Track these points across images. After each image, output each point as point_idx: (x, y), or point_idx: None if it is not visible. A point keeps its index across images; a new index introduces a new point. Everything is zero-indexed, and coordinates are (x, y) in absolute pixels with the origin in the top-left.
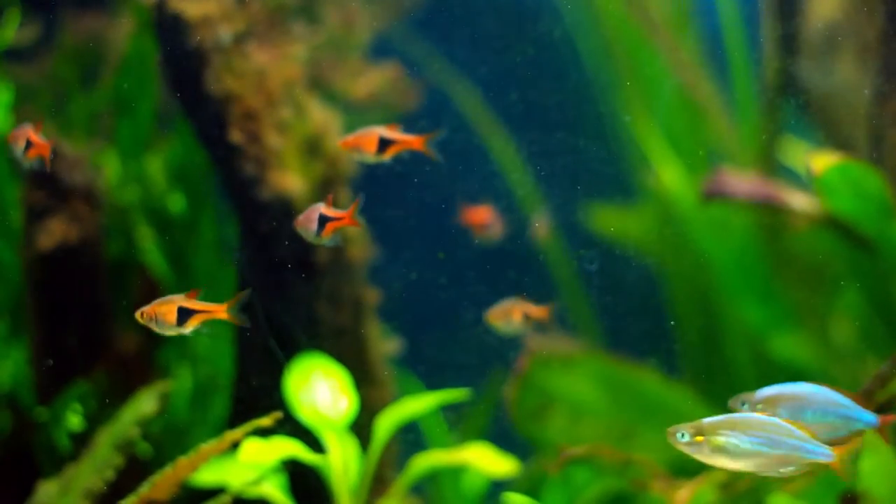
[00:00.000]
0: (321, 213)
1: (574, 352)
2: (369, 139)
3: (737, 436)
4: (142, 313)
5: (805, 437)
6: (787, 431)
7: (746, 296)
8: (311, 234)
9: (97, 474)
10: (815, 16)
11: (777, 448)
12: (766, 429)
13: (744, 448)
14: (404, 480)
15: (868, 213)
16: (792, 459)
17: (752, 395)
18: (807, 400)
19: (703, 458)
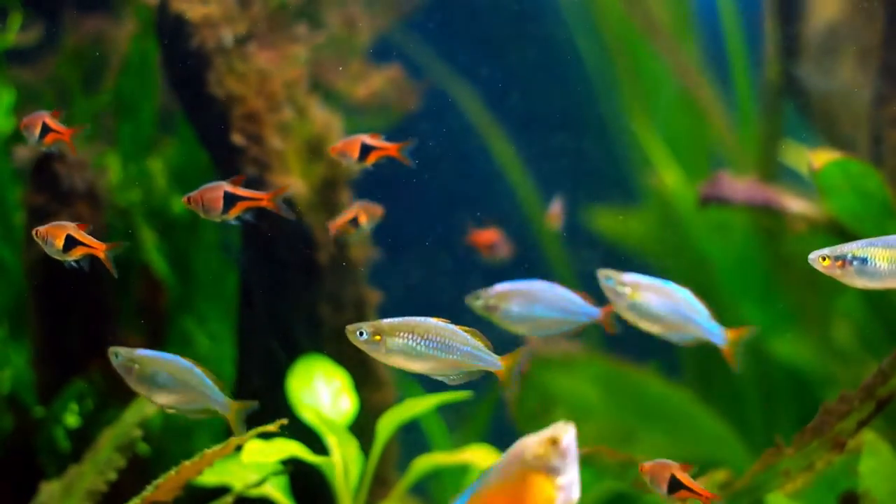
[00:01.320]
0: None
1: (575, 353)
2: (353, 145)
3: (414, 339)
4: (188, 199)
5: (478, 345)
6: (462, 339)
7: (746, 297)
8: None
9: (100, 475)
10: (816, 18)
11: (450, 353)
12: (442, 334)
13: (419, 351)
14: (406, 481)
15: (868, 212)
16: (462, 365)
17: (486, 290)
18: (536, 296)
19: (380, 357)
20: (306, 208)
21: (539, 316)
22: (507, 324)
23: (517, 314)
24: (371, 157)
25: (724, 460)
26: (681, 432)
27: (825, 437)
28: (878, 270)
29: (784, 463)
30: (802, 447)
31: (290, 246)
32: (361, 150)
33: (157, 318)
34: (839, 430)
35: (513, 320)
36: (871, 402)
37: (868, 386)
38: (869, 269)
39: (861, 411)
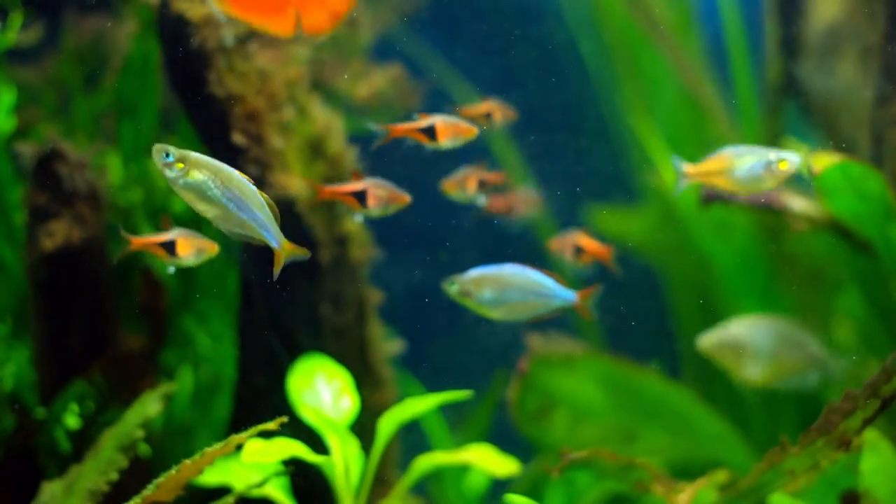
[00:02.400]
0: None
1: (576, 353)
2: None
3: (214, 182)
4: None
5: (269, 218)
6: (258, 202)
7: (748, 296)
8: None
9: (101, 475)
10: (817, 17)
11: (242, 211)
12: (241, 189)
13: (214, 194)
14: (406, 481)
15: (869, 213)
16: (248, 227)
17: (461, 276)
18: (510, 281)
19: (176, 188)
20: (307, 208)
21: (513, 300)
22: (482, 309)
23: (491, 299)
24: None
25: (725, 460)
26: (682, 432)
27: (830, 436)
28: None
29: (789, 462)
30: (808, 446)
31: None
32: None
33: (157, 318)
34: (844, 429)
35: (487, 305)
36: (875, 401)
37: (872, 384)
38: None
39: (866, 410)
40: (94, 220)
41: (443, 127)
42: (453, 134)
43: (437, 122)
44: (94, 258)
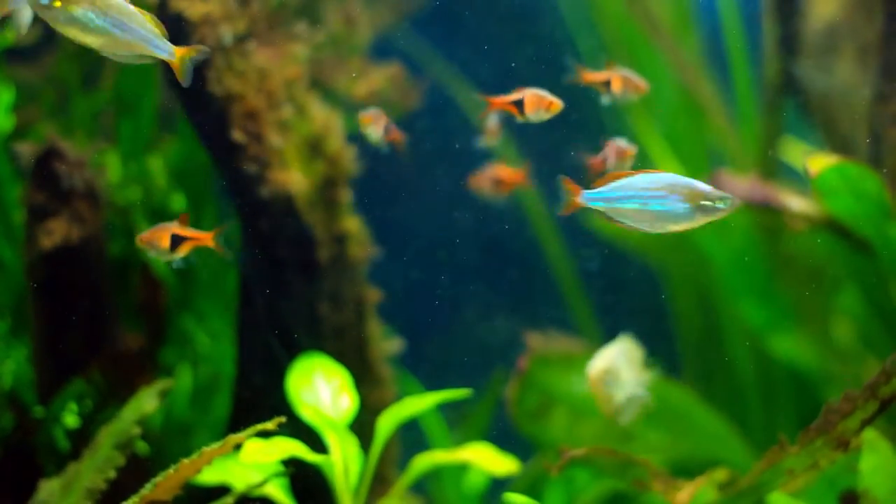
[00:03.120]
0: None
1: (575, 351)
2: (162, 235)
3: (94, 11)
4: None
5: (155, 31)
6: (140, 21)
7: (746, 296)
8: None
9: (99, 473)
10: (815, 16)
11: (126, 33)
12: (122, 13)
13: (97, 25)
14: (405, 480)
15: (866, 213)
16: (136, 47)
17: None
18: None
19: (57, 27)
20: (306, 206)
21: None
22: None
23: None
24: (182, 247)
25: (724, 458)
26: (681, 431)
27: (829, 436)
28: None
29: (788, 461)
30: (807, 445)
31: (290, 244)
32: (172, 240)
33: (156, 317)
34: (843, 429)
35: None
36: (874, 402)
37: (871, 385)
38: None
39: (865, 410)
40: (93, 219)
41: (529, 100)
42: (538, 107)
43: (526, 95)
44: (93, 257)
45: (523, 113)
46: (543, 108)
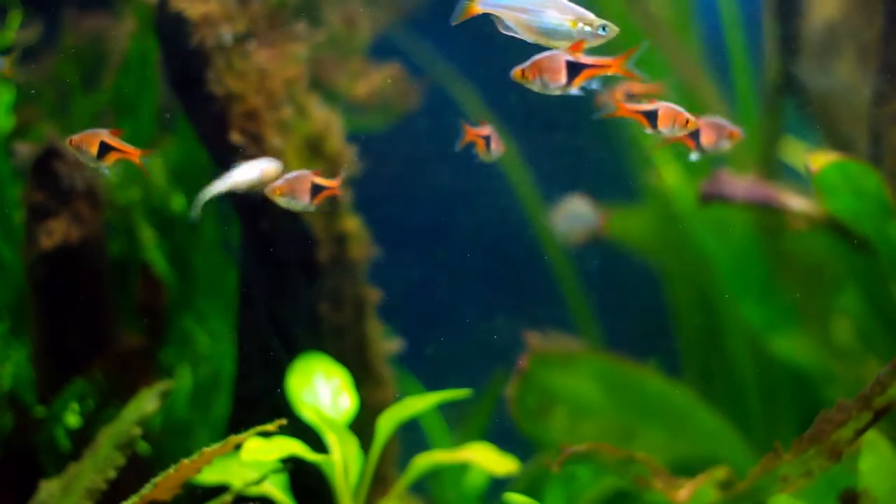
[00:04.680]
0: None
1: (575, 351)
2: (92, 140)
3: None
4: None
5: None
6: None
7: (746, 295)
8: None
9: (99, 473)
10: (816, 16)
11: None
12: None
13: None
14: (405, 480)
15: (867, 212)
16: None
17: None
18: None
19: None
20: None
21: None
22: None
23: None
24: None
25: (724, 458)
26: (681, 430)
27: (822, 446)
28: None
29: (783, 469)
30: (800, 454)
31: (290, 244)
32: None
33: (156, 317)
34: (836, 439)
35: None
36: (868, 412)
37: (865, 396)
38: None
39: (858, 420)
40: (93, 219)
41: (664, 113)
42: (672, 122)
43: (660, 108)
44: (93, 256)
45: (655, 126)
46: (679, 123)
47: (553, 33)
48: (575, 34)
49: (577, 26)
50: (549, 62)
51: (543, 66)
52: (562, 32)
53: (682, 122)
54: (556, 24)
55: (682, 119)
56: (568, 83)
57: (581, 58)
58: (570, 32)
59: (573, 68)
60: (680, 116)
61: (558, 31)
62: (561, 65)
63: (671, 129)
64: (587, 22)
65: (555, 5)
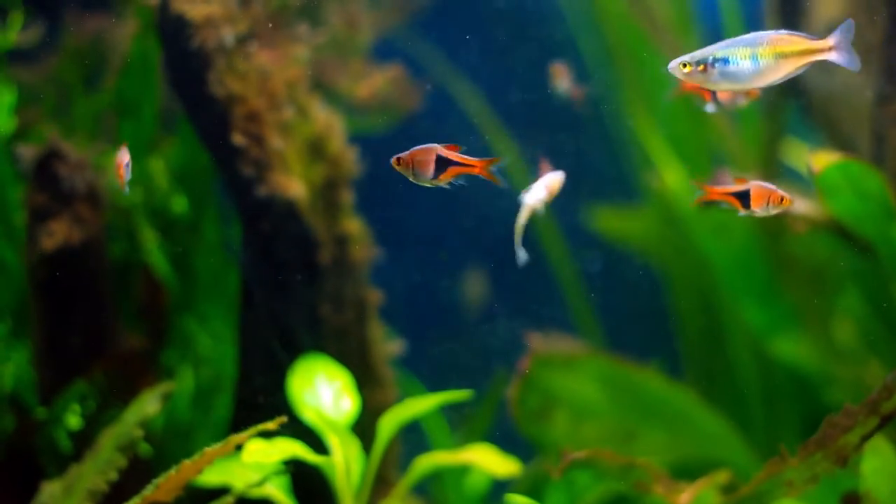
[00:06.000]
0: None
1: (576, 353)
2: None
3: None
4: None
5: None
6: None
7: (748, 297)
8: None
9: (100, 475)
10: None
11: None
12: None
13: None
14: (407, 481)
15: (869, 213)
16: None
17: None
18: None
19: None
20: (307, 208)
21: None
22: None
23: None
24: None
25: (725, 460)
26: (682, 432)
27: (828, 450)
28: (740, 70)
29: (788, 473)
30: (806, 458)
31: (291, 246)
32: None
33: (158, 318)
34: (843, 444)
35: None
36: (875, 418)
37: (872, 401)
38: (731, 69)
39: (865, 426)
40: (94, 221)
41: (757, 193)
42: (766, 202)
43: (752, 188)
44: (94, 258)
45: (748, 207)
46: (774, 202)
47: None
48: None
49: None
50: (422, 155)
51: (416, 159)
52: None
53: (776, 200)
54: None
55: (776, 197)
56: (435, 176)
57: (451, 155)
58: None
59: (441, 163)
60: (774, 195)
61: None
62: (431, 158)
63: (765, 209)
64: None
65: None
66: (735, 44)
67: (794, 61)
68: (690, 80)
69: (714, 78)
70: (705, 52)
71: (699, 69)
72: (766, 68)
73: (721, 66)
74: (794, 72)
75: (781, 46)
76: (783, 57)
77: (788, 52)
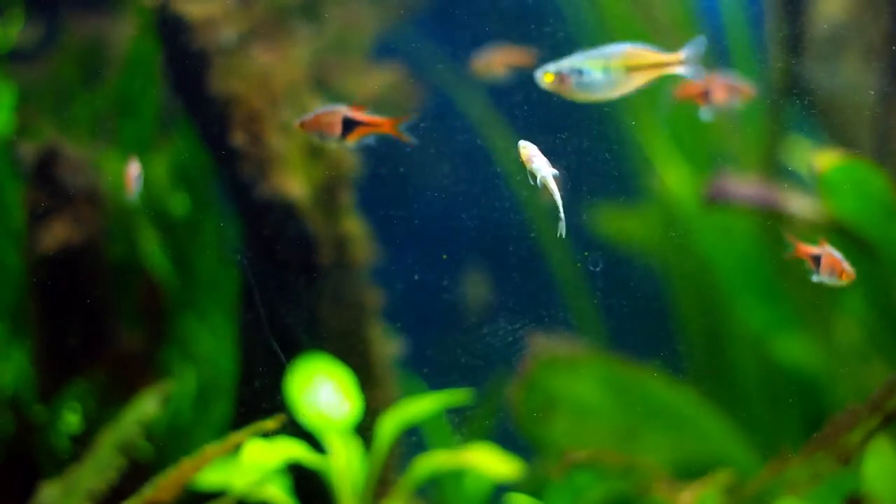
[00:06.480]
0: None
1: (578, 353)
2: None
3: None
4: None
5: None
6: None
7: (750, 297)
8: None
9: (99, 475)
10: (821, 16)
11: None
12: None
13: None
14: (408, 482)
15: (871, 214)
16: None
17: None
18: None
19: None
20: (307, 208)
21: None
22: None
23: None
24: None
25: (728, 460)
26: (684, 432)
27: (831, 449)
28: (594, 81)
29: (790, 472)
30: (808, 457)
31: (291, 246)
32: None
33: (157, 319)
34: (845, 443)
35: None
36: (878, 416)
37: (875, 400)
38: (586, 80)
39: (867, 424)
40: (94, 220)
41: (826, 261)
42: (833, 270)
43: (824, 255)
44: (94, 258)
45: (819, 272)
46: (837, 273)
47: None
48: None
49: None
50: (327, 117)
51: (322, 121)
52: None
53: (838, 271)
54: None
55: (839, 268)
56: (343, 137)
57: (357, 115)
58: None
59: (349, 124)
60: (838, 266)
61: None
62: (337, 120)
63: (830, 276)
64: None
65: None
66: (590, 56)
67: (645, 74)
68: (554, 90)
69: (572, 88)
70: (564, 63)
71: (559, 79)
72: (617, 80)
73: (577, 77)
74: (646, 83)
75: (632, 59)
76: (634, 69)
77: (639, 64)
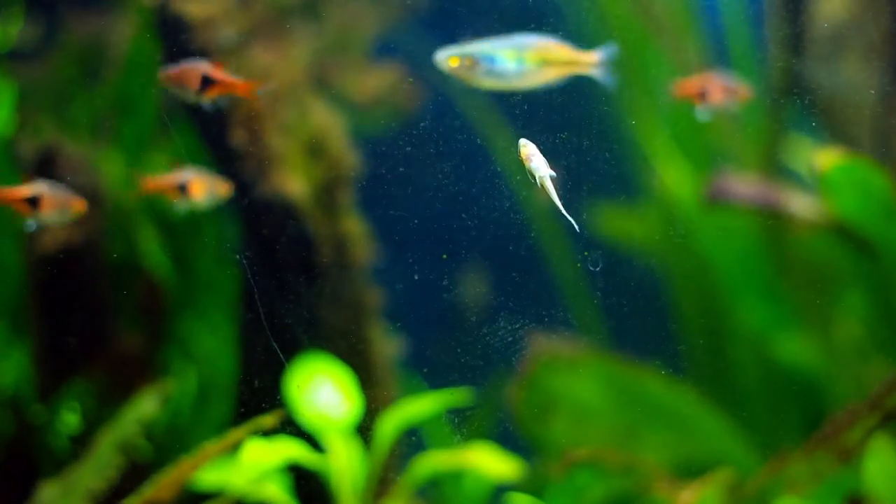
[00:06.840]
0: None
1: (578, 353)
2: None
3: None
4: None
5: None
6: None
7: (750, 297)
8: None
9: (99, 475)
10: (821, 16)
11: None
12: None
13: None
14: (408, 482)
15: (872, 213)
16: None
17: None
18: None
19: None
20: (307, 208)
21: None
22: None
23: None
24: (212, 90)
25: (728, 459)
26: (684, 431)
27: (831, 447)
28: (505, 70)
29: (790, 471)
30: (808, 455)
31: (291, 246)
32: (202, 81)
33: (156, 318)
34: (845, 440)
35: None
36: (877, 414)
37: (875, 398)
38: (497, 68)
39: (867, 422)
40: (94, 220)
41: None
42: None
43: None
44: (94, 257)
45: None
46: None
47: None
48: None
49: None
50: (189, 72)
51: (184, 75)
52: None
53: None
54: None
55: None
56: (200, 93)
57: (216, 74)
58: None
59: (207, 81)
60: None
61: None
62: (197, 75)
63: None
64: None
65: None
66: (503, 45)
67: (557, 69)
68: (457, 74)
69: (480, 74)
70: (474, 48)
71: (466, 63)
72: (529, 72)
73: (487, 63)
74: (556, 79)
75: (546, 53)
76: (546, 64)
77: (552, 59)
